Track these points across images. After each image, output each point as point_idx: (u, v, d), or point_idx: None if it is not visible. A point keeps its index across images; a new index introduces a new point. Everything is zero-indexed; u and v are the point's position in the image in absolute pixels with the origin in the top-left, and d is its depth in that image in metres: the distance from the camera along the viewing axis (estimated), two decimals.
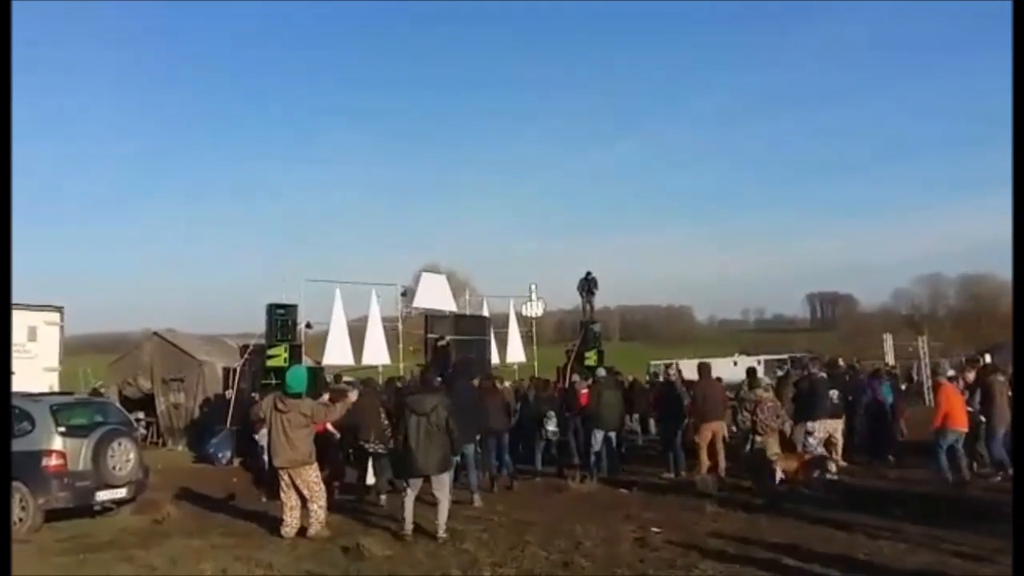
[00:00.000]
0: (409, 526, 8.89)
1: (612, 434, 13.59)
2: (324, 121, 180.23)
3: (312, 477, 9.29)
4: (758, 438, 10.54)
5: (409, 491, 9.05)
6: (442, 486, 9.02)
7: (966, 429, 11.96)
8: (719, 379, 14.20)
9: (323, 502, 9.35)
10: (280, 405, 9.22)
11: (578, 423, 14.69)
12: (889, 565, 7.10)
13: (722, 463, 12.90)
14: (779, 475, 10.42)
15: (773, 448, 10.51)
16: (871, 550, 7.77)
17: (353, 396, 10.94)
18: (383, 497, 11.17)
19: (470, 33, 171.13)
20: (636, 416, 17.85)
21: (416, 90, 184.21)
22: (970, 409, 12.39)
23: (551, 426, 14.02)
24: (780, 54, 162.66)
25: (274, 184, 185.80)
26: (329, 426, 11.50)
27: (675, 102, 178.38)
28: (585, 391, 14.72)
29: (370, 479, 11.72)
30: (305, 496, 9.23)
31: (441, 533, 8.83)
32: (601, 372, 15.34)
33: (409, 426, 8.93)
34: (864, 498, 10.60)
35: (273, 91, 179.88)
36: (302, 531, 9.16)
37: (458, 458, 11.20)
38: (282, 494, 9.29)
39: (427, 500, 9.20)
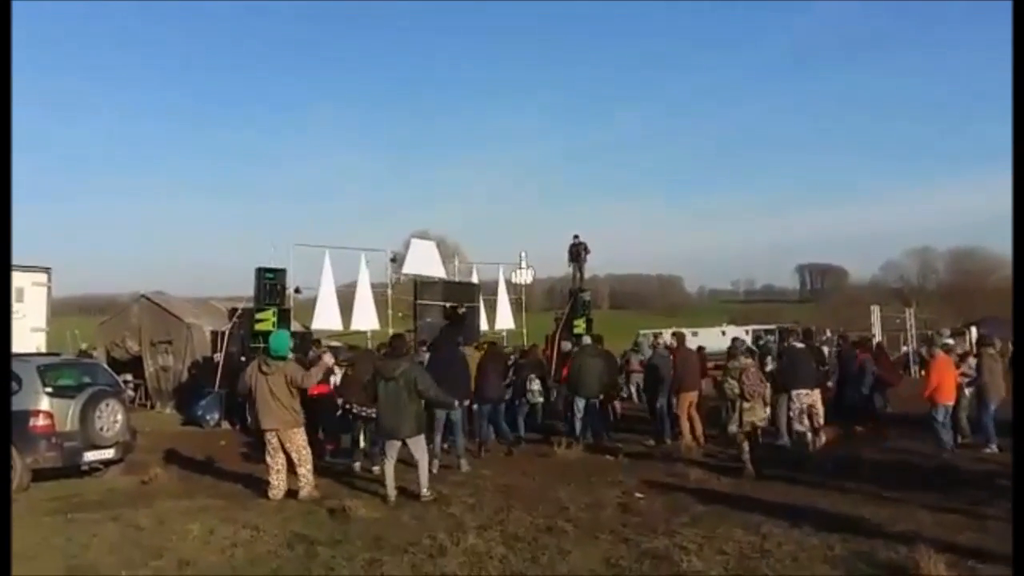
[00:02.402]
0: (392, 492, 8.97)
1: (594, 401, 13.63)
2: (316, 88, 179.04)
3: (300, 440, 9.31)
4: (746, 404, 10.58)
5: (387, 458, 9.15)
6: (418, 447, 9.13)
7: (952, 402, 12.14)
8: (702, 348, 14.24)
9: (310, 465, 9.39)
10: (264, 368, 9.23)
11: (565, 390, 14.74)
12: (870, 531, 7.18)
13: (699, 430, 13.00)
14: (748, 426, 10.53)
15: (759, 413, 10.62)
16: (853, 516, 7.85)
17: (328, 359, 10.84)
18: (376, 469, 11.13)
19: (466, 2, 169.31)
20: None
21: (409, 59, 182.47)
22: (967, 379, 12.60)
23: (534, 386, 14.06)
24: (773, 28, 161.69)
25: (265, 150, 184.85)
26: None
27: (669, 76, 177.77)
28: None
29: (362, 443, 11.76)
30: (293, 459, 9.27)
31: (424, 492, 8.94)
32: (586, 340, 15.34)
33: (379, 391, 9.04)
34: (848, 467, 10.71)
35: (264, 56, 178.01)
36: (290, 493, 9.22)
37: (444, 420, 11.29)
38: (268, 457, 9.32)
39: (413, 464, 9.27)
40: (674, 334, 13.90)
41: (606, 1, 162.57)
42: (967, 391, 12.77)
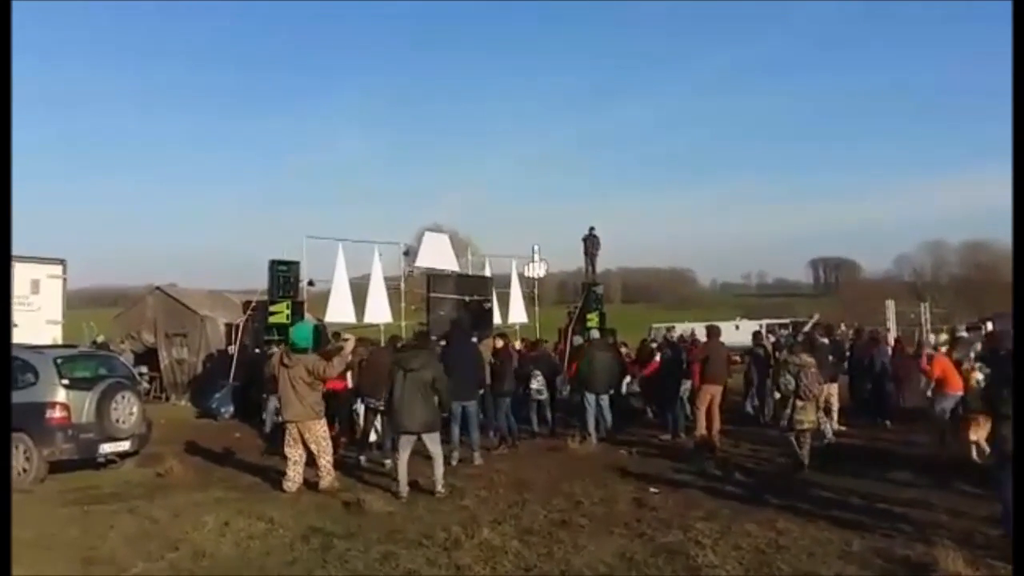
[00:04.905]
0: (404, 488, 8.90)
1: (604, 397, 13.59)
2: (329, 78, 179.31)
3: (320, 432, 9.39)
4: (799, 403, 10.41)
5: (401, 451, 9.10)
6: (433, 443, 9.11)
7: (961, 393, 12.07)
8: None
9: (330, 456, 9.46)
10: (287, 361, 9.30)
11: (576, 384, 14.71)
12: (887, 526, 7.16)
13: (717, 426, 12.93)
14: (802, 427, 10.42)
15: (811, 416, 10.39)
16: (870, 511, 7.83)
17: (350, 346, 10.76)
18: (387, 462, 11.11)
19: None
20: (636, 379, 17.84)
21: (421, 49, 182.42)
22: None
23: (535, 384, 13.96)
24: (784, 16, 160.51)
25: (278, 141, 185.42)
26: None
27: (678, 64, 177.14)
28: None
29: (373, 436, 11.76)
30: (313, 451, 9.32)
31: (439, 489, 8.93)
32: (595, 334, 15.25)
33: (396, 383, 9.00)
34: (862, 461, 10.66)
35: (278, 46, 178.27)
36: (305, 486, 9.26)
37: (460, 411, 11.27)
38: (287, 448, 9.37)
39: (428, 455, 9.26)
40: (708, 327, 13.98)
41: None
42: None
